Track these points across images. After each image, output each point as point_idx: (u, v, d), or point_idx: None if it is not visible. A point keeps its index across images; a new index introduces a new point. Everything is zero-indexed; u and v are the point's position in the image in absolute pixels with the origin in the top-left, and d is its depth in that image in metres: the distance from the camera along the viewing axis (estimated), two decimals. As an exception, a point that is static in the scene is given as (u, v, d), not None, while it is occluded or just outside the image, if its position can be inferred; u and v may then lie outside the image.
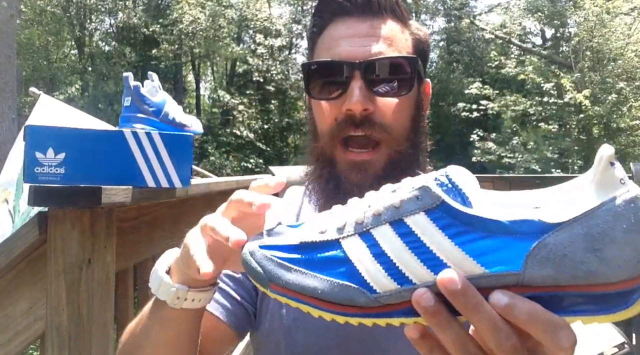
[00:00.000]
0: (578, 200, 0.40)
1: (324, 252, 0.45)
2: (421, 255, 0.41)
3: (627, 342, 1.93)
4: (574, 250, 0.38)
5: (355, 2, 0.75)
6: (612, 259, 0.38)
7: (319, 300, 0.44)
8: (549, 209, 0.41)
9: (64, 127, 1.07)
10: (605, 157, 0.39)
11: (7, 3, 6.06)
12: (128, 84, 1.16)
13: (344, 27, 0.76)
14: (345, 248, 0.44)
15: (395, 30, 0.76)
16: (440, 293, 0.40)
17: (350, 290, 0.43)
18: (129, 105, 1.16)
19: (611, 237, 0.38)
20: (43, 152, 1.03)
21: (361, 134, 0.73)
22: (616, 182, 0.39)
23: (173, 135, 1.14)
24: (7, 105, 6.02)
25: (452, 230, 0.41)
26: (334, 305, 0.44)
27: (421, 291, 0.40)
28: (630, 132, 10.91)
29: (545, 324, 0.38)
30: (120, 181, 1.07)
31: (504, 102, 11.67)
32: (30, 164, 1.02)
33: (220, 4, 13.83)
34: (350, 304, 0.43)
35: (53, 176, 1.03)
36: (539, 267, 0.39)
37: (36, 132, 1.04)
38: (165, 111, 1.20)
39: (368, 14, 0.75)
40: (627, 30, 10.86)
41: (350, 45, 0.74)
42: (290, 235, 0.48)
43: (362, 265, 0.43)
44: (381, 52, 0.73)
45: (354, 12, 0.76)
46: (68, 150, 1.04)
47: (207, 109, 16.10)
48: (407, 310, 0.42)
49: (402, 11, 0.78)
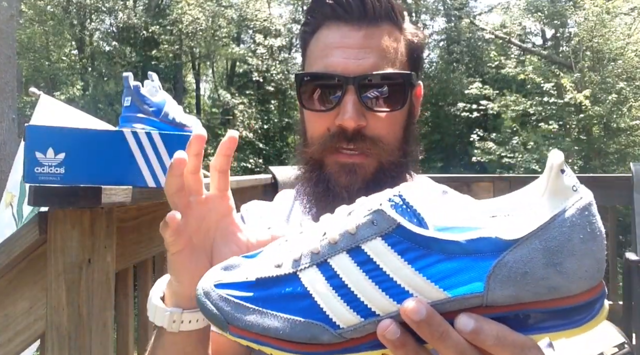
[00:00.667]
0: (533, 206, 0.39)
1: (283, 288, 0.43)
2: (382, 284, 0.40)
3: (627, 342, 1.93)
4: (533, 267, 0.37)
5: (350, 9, 0.74)
6: (572, 271, 0.37)
7: (281, 340, 0.42)
8: (503, 220, 0.40)
9: (64, 127, 1.07)
10: (556, 165, 0.38)
11: (7, 3, 6.06)
12: (128, 84, 1.16)
13: (339, 35, 0.74)
14: (303, 281, 0.42)
15: (390, 40, 0.75)
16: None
17: (312, 328, 0.41)
18: (129, 105, 1.16)
19: (569, 249, 0.37)
20: (43, 152, 1.03)
21: (352, 147, 0.73)
22: (568, 189, 0.38)
23: (173, 135, 1.14)
24: (7, 105, 6.02)
25: (410, 254, 0.39)
26: (297, 345, 0.41)
27: (385, 323, 0.39)
28: (630, 132, 10.90)
29: (514, 346, 0.38)
30: (120, 181, 1.08)
31: (504, 102, 11.66)
32: (30, 164, 1.02)
33: (220, 4, 13.83)
34: (313, 342, 0.41)
35: (53, 176, 1.03)
36: (501, 287, 0.38)
37: (36, 132, 1.04)
38: (165, 111, 1.20)
39: (363, 21, 0.74)
40: (627, 30, 10.85)
41: (344, 57, 0.73)
42: (247, 269, 0.45)
43: (322, 299, 0.41)
44: (376, 65, 0.72)
45: (348, 17, 0.74)
46: (68, 150, 1.04)
47: (207, 109, 16.10)
48: (373, 343, 0.41)
49: (397, 15, 0.77)
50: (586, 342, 1.87)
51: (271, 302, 0.42)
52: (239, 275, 0.45)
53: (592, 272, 0.38)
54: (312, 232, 0.45)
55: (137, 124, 1.16)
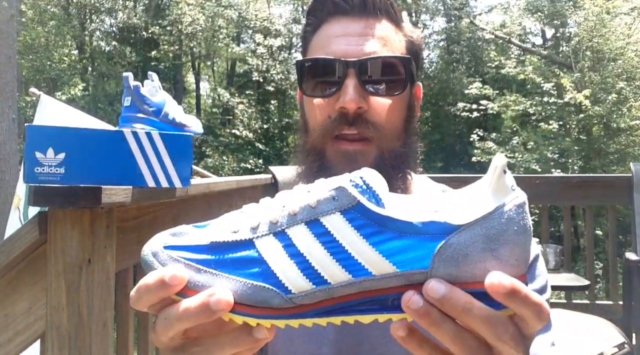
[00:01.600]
0: (476, 203, 0.44)
1: (237, 252, 0.44)
2: (336, 255, 0.42)
3: (627, 342, 1.93)
4: (474, 250, 0.42)
5: (351, 2, 0.76)
6: (506, 258, 0.42)
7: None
8: (446, 213, 0.44)
9: (64, 127, 1.07)
10: (500, 166, 0.43)
11: (8, 3, 6.06)
12: (128, 84, 1.16)
13: (340, 27, 0.76)
14: (259, 248, 0.44)
15: (389, 31, 0.77)
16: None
17: (264, 291, 0.42)
18: (129, 105, 1.16)
19: (505, 238, 0.42)
20: (43, 152, 1.03)
21: (354, 132, 0.74)
22: (507, 188, 0.43)
23: (173, 135, 1.14)
24: (7, 105, 6.01)
25: (366, 230, 0.42)
26: (248, 308, 0.43)
27: (409, 295, 0.41)
28: (630, 132, 10.90)
29: (480, 315, 0.41)
30: (120, 181, 1.08)
31: (504, 102, 11.66)
32: (30, 164, 1.02)
33: (220, 4, 13.83)
34: (264, 306, 0.43)
35: (53, 176, 1.03)
36: (445, 265, 0.42)
37: (36, 132, 1.04)
38: (165, 111, 1.20)
39: (363, 14, 0.76)
40: (627, 30, 10.86)
41: (345, 43, 0.74)
42: (198, 235, 0.46)
43: (277, 265, 0.43)
44: (376, 52, 0.74)
45: (350, 11, 0.76)
46: (68, 150, 1.04)
47: (207, 109, 16.10)
48: (321, 310, 0.43)
49: (396, 13, 0.79)
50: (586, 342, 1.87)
51: (224, 265, 0.43)
52: (190, 240, 0.45)
53: (520, 261, 0.42)
54: (270, 204, 0.47)
55: (137, 124, 1.16)
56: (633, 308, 2.75)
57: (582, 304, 3.30)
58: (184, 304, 0.43)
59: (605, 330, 1.98)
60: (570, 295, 3.39)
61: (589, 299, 3.41)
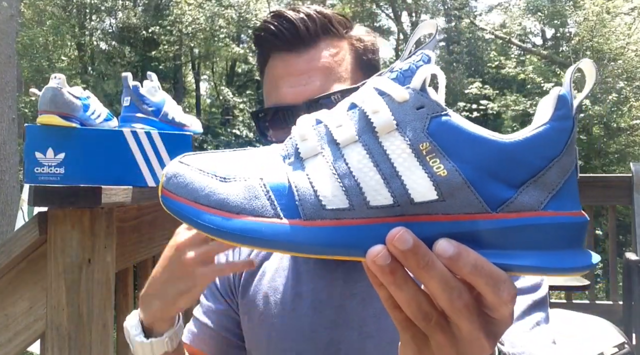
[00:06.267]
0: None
1: None
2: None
3: (627, 342, 1.93)
4: None
5: (284, 38, 0.75)
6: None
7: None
8: None
9: (63, 127, 1.07)
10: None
11: (7, 3, 6.06)
12: (127, 84, 1.16)
13: (282, 65, 0.76)
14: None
15: (331, 56, 0.76)
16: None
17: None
18: (129, 105, 1.16)
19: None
20: (43, 152, 1.03)
21: None
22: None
23: (172, 135, 1.14)
24: (7, 105, 6.02)
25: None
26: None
27: (377, 249, 0.37)
28: (630, 132, 10.90)
29: (489, 277, 0.38)
30: (120, 181, 1.08)
31: (504, 102, 11.67)
32: (30, 164, 1.02)
33: (220, 4, 13.83)
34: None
35: (53, 176, 1.03)
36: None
37: (36, 132, 1.04)
38: (164, 111, 1.20)
39: (301, 46, 0.75)
40: (627, 30, 10.86)
41: (290, 86, 0.75)
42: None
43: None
44: (322, 86, 0.73)
45: (287, 46, 0.76)
46: (68, 150, 1.04)
47: (207, 109, 16.10)
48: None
49: (337, 27, 0.77)
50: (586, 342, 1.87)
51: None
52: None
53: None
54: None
55: (137, 123, 1.16)
56: (633, 308, 2.75)
57: (582, 304, 3.30)
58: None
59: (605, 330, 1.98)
60: (570, 295, 3.39)
61: (589, 299, 3.41)
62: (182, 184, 0.40)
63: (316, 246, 0.39)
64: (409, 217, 0.39)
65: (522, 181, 0.39)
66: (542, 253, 0.38)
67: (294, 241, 0.38)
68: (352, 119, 0.41)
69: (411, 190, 0.38)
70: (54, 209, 1.05)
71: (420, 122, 0.39)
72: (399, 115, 0.39)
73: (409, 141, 0.39)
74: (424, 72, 0.40)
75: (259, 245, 0.39)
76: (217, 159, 0.42)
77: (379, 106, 0.40)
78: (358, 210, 0.39)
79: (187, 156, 0.42)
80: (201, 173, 0.41)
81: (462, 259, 0.37)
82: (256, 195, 0.40)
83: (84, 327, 1.05)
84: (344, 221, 0.39)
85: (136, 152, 1.09)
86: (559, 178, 0.39)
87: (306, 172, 0.40)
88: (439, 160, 0.38)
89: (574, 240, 0.39)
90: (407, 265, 0.38)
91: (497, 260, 0.38)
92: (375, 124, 0.40)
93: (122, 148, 1.09)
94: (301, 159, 0.41)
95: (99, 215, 1.07)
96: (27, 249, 1.05)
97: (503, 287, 0.38)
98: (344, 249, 0.39)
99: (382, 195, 0.38)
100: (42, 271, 1.05)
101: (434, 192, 0.38)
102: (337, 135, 0.41)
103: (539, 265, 0.38)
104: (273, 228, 0.39)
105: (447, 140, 0.38)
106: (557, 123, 0.39)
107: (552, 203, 0.39)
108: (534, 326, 0.68)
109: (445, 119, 0.39)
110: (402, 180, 0.38)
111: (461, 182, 0.38)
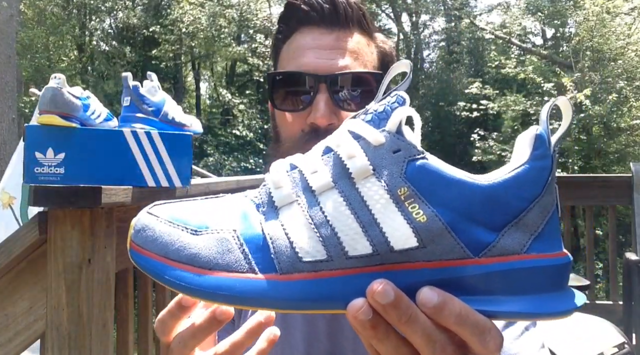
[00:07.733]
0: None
1: None
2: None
3: (627, 342, 1.93)
4: None
5: (322, 13, 0.75)
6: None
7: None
8: None
9: (64, 127, 1.07)
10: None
11: (7, 3, 6.06)
12: (127, 84, 1.16)
13: (310, 38, 0.76)
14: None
15: (361, 44, 0.77)
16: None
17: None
18: (128, 105, 1.16)
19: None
20: (43, 152, 1.03)
21: None
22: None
23: (172, 135, 1.14)
24: (7, 105, 6.02)
25: None
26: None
27: (358, 304, 0.36)
28: (631, 132, 10.89)
29: (474, 326, 0.37)
30: (120, 181, 1.08)
31: (504, 102, 11.66)
32: (30, 164, 1.02)
33: (221, 4, 13.83)
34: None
35: (53, 176, 1.03)
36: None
37: (36, 132, 1.04)
38: (164, 111, 1.20)
39: (335, 25, 0.75)
40: (627, 30, 10.85)
41: (317, 57, 0.74)
42: None
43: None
44: (347, 66, 0.74)
45: (321, 22, 0.75)
46: (68, 150, 1.04)
47: (207, 109, 16.10)
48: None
49: (368, 24, 0.78)
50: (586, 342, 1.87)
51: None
52: None
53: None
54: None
55: (137, 123, 1.16)
56: (633, 308, 2.75)
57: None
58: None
59: (605, 330, 1.98)
60: (570, 295, 3.39)
61: (589, 299, 3.41)
62: (151, 238, 0.39)
63: (294, 301, 0.37)
64: (389, 266, 0.37)
65: (503, 224, 0.38)
66: (527, 297, 0.38)
67: (270, 297, 0.37)
68: (328, 165, 0.40)
69: (391, 237, 0.37)
70: (54, 209, 1.05)
71: (397, 166, 0.38)
72: (375, 160, 0.38)
73: (387, 186, 0.37)
74: (399, 115, 0.39)
75: (233, 302, 0.37)
76: (189, 208, 0.41)
77: (354, 151, 0.39)
78: (336, 261, 0.37)
79: (157, 206, 0.41)
80: (171, 225, 0.39)
81: (446, 309, 0.36)
82: (229, 249, 0.38)
83: (84, 327, 1.05)
84: (322, 273, 0.37)
85: (136, 152, 1.09)
86: (540, 219, 0.38)
87: (281, 222, 0.39)
88: (418, 206, 0.37)
89: (558, 281, 0.39)
90: (389, 319, 0.37)
91: (482, 307, 0.37)
92: (351, 169, 0.38)
93: (122, 148, 1.09)
94: (276, 208, 0.40)
95: (99, 215, 1.08)
96: (27, 249, 1.05)
97: (489, 337, 0.37)
98: (324, 303, 0.37)
99: (361, 244, 0.37)
100: (42, 271, 1.05)
101: (414, 239, 0.36)
102: (312, 182, 0.39)
103: (525, 311, 0.37)
104: (248, 284, 0.37)
105: (425, 184, 0.37)
106: (536, 163, 0.39)
107: (534, 245, 0.38)
108: (523, 332, 0.68)
109: (422, 162, 0.38)
110: (380, 227, 0.37)
111: (441, 227, 0.37)
